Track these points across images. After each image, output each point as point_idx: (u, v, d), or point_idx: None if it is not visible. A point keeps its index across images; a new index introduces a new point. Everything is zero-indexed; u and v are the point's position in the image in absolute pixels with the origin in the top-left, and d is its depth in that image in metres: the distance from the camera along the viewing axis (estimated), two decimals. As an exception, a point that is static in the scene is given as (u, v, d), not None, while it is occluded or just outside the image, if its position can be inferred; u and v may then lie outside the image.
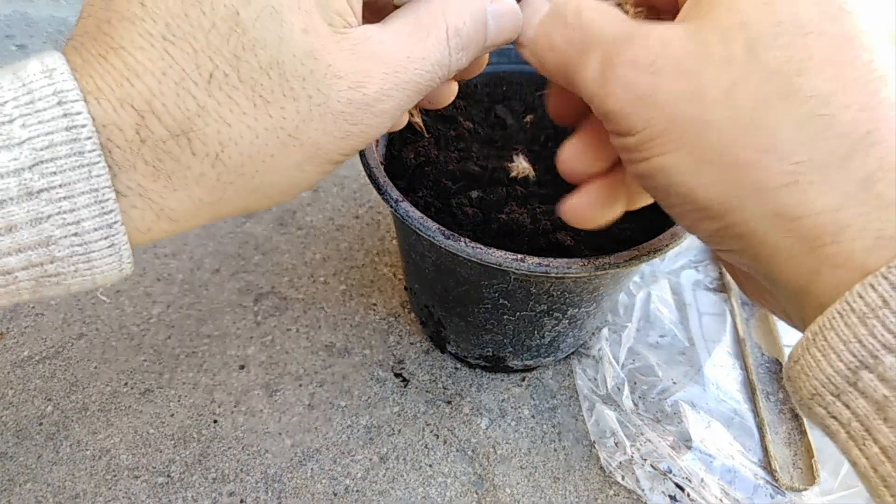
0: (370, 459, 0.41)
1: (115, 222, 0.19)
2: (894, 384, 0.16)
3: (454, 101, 0.42)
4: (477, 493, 0.39)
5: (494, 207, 0.36)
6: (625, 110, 0.20)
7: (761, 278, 0.21)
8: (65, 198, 0.17)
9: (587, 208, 0.26)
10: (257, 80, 0.19)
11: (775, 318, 0.47)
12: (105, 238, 0.19)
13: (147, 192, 0.19)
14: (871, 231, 0.17)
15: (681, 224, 0.22)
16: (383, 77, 0.21)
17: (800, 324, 0.21)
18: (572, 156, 0.26)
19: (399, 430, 0.42)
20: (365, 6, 0.22)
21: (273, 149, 0.20)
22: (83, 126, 0.17)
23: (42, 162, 0.17)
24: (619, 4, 0.24)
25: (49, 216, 0.17)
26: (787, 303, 0.21)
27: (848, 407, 0.17)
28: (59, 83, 0.17)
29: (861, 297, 0.16)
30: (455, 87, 0.28)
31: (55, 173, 0.17)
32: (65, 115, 0.17)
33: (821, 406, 0.18)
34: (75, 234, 0.18)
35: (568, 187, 0.40)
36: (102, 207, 0.18)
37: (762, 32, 0.19)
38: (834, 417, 0.17)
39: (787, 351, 0.45)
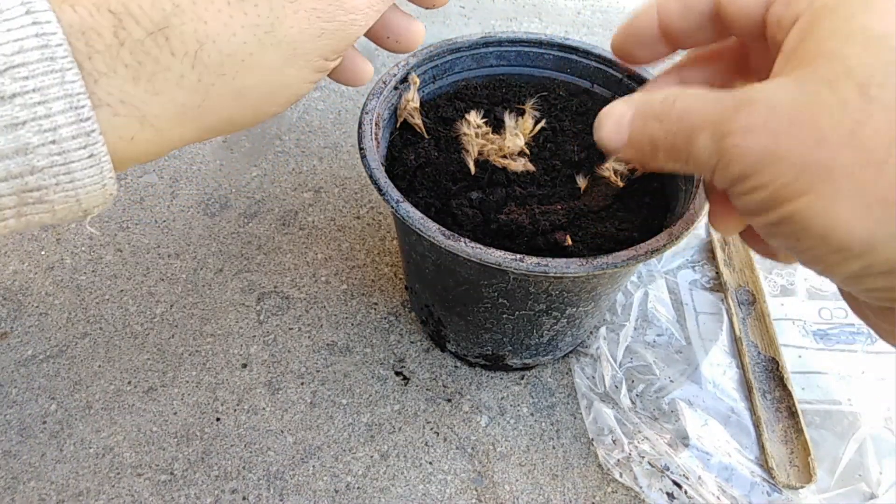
0: (371, 457, 0.41)
1: (93, 130, 0.18)
2: None
3: (454, 103, 0.43)
4: (476, 490, 0.40)
5: (494, 208, 0.36)
6: (748, 171, 0.20)
7: None
8: (39, 103, 0.17)
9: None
10: None
11: (771, 317, 0.47)
12: (84, 147, 0.18)
13: (129, 98, 0.19)
14: None
15: (815, 269, 0.22)
16: None
17: None
18: (723, 229, 0.28)
19: (400, 428, 0.42)
20: None
21: (251, 47, 0.20)
22: (53, 34, 0.17)
23: (12, 67, 0.17)
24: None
25: (24, 122, 0.17)
26: None
27: None
28: None
29: None
30: None
31: (27, 78, 0.17)
32: (34, 23, 0.17)
33: None
34: (53, 142, 0.18)
35: (566, 188, 0.40)
36: (78, 114, 0.18)
37: (871, 74, 0.19)
38: None
39: (783, 350, 0.45)
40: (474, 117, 0.36)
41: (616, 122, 0.25)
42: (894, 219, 0.18)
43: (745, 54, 0.27)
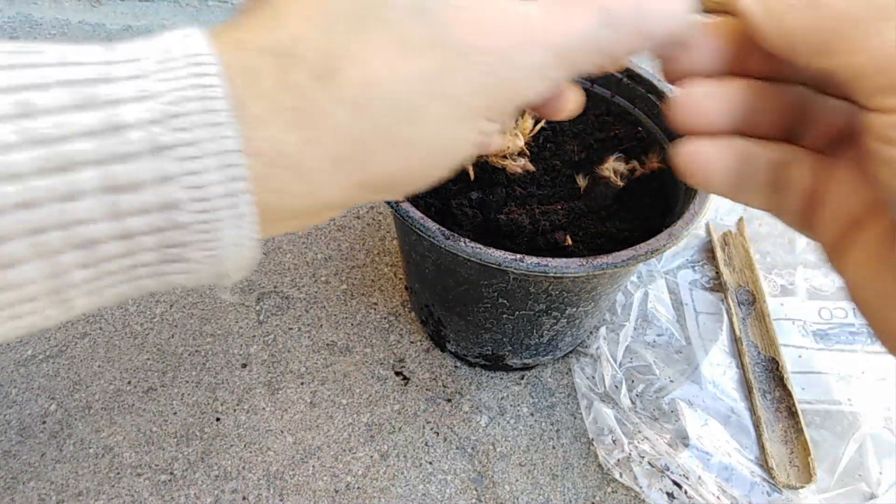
0: (371, 457, 0.41)
1: (244, 191, 0.18)
2: None
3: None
4: (476, 490, 0.40)
5: (494, 208, 0.36)
6: None
7: None
8: (192, 157, 0.17)
9: None
10: (404, 23, 0.19)
11: (771, 317, 0.47)
12: (232, 207, 0.18)
13: (285, 146, 0.18)
14: None
15: None
16: (521, 32, 0.20)
17: None
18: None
19: (399, 428, 0.42)
20: None
21: (417, 97, 0.19)
22: (214, 86, 0.17)
23: (172, 117, 0.16)
24: None
25: (174, 176, 0.17)
26: None
27: None
28: (193, 45, 0.17)
29: None
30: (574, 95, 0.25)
31: (184, 129, 0.16)
32: (196, 68, 0.17)
33: None
34: (201, 200, 0.17)
35: (566, 188, 0.40)
36: (232, 173, 0.17)
37: None
38: None
39: (783, 350, 0.45)
40: None
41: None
42: None
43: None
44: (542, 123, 0.37)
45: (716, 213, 0.55)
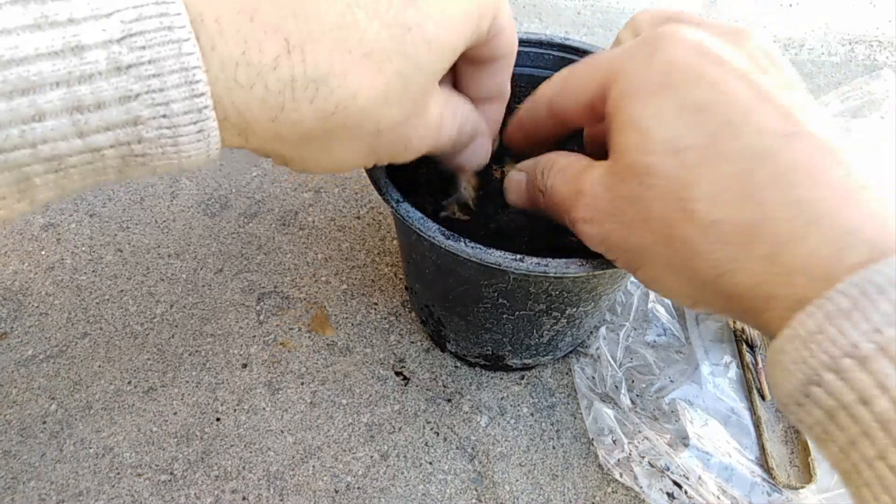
0: (371, 457, 0.41)
1: (206, 107, 0.18)
2: (836, 397, 0.18)
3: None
4: (476, 491, 0.40)
5: (494, 208, 0.36)
6: (598, 251, 0.26)
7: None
8: (153, 75, 0.17)
9: None
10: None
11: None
12: (194, 123, 0.18)
13: (248, 114, 0.19)
14: (789, 297, 0.20)
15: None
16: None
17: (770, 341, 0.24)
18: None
19: (400, 428, 0.42)
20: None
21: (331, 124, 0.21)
22: (173, 2, 0.17)
23: (131, 35, 0.17)
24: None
25: (138, 95, 0.17)
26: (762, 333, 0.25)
27: (809, 414, 0.19)
28: None
29: (801, 325, 0.19)
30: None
31: (144, 48, 0.17)
32: None
33: (791, 415, 0.20)
34: (164, 116, 0.18)
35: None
36: (192, 90, 0.18)
37: (644, 167, 0.22)
38: (801, 422, 0.20)
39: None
40: None
41: (516, 189, 0.31)
42: (695, 280, 0.23)
43: None
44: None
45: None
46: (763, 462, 0.41)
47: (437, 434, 0.42)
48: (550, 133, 0.31)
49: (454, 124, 0.28)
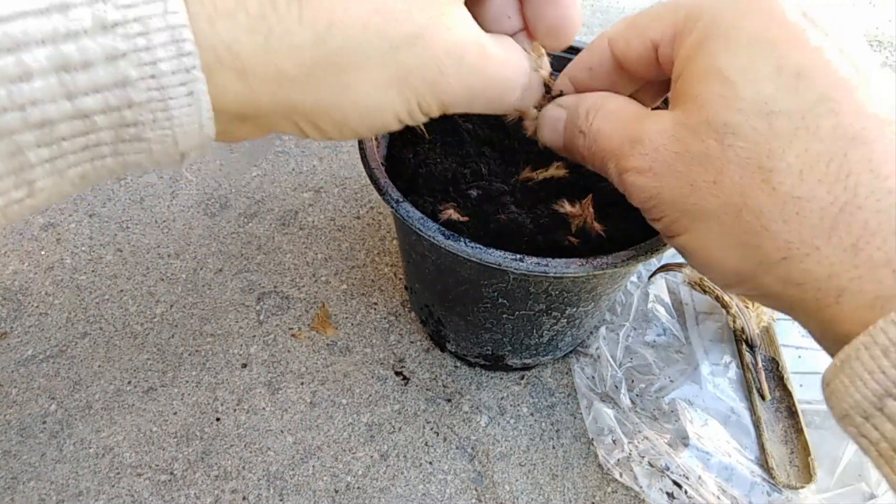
0: (371, 457, 0.41)
1: (193, 67, 0.18)
2: None
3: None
4: (476, 490, 0.40)
5: (494, 208, 0.36)
6: (644, 206, 0.23)
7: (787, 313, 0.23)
8: (140, 34, 0.17)
9: None
10: None
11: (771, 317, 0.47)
12: (183, 84, 0.18)
13: (237, 45, 0.18)
14: (868, 292, 0.19)
15: (717, 285, 0.25)
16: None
17: (820, 338, 0.22)
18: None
19: (399, 428, 0.42)
20: None
21: (371, 46, 0.20)
22: None
23: None
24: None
25: (125, 53, 0.17)
26: (810, 328, 0.23)
27: (876, 429, 0.18)
28: None
29: (884, 331, 0.18)
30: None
31: (129, 6, 0.16)
32: None
33: (852, 426, 0.19)
34: (152, 77, 0.17)
35: (565, 191, 0.40)
36: (180, 48, 0.17)
37: (726, 125, 0.20)
38: (864, 436, 0.19)
39: (783, 350, 0.45)
40: None
41: (552, 126, 0.27)
42: (754, 257, 0.21)
43: None
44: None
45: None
46: (763, 462, 0.41)
47: (437, 434, 0.42)
48: (605, 86, 0.27)
49: (507, 51, 0.24)
